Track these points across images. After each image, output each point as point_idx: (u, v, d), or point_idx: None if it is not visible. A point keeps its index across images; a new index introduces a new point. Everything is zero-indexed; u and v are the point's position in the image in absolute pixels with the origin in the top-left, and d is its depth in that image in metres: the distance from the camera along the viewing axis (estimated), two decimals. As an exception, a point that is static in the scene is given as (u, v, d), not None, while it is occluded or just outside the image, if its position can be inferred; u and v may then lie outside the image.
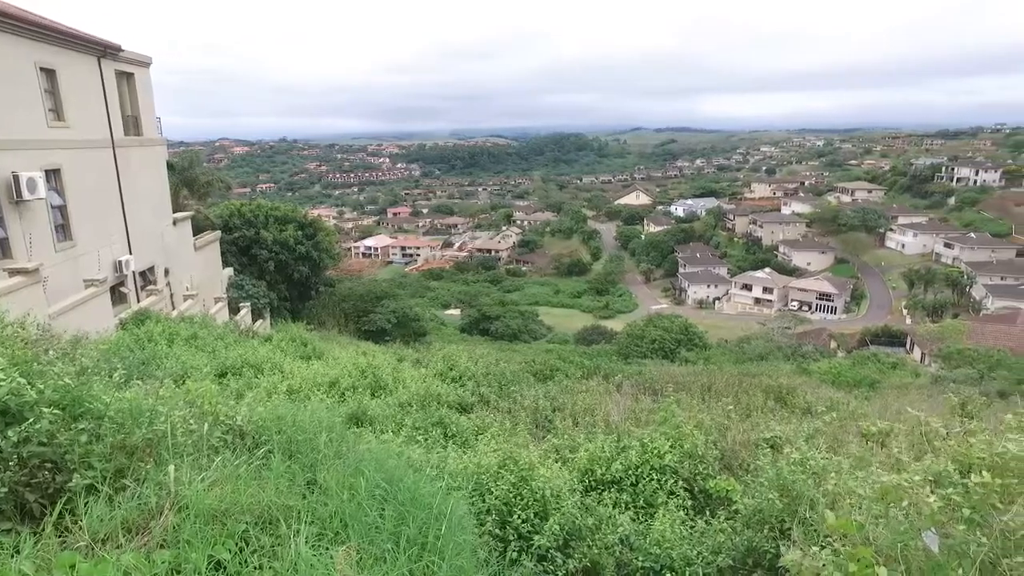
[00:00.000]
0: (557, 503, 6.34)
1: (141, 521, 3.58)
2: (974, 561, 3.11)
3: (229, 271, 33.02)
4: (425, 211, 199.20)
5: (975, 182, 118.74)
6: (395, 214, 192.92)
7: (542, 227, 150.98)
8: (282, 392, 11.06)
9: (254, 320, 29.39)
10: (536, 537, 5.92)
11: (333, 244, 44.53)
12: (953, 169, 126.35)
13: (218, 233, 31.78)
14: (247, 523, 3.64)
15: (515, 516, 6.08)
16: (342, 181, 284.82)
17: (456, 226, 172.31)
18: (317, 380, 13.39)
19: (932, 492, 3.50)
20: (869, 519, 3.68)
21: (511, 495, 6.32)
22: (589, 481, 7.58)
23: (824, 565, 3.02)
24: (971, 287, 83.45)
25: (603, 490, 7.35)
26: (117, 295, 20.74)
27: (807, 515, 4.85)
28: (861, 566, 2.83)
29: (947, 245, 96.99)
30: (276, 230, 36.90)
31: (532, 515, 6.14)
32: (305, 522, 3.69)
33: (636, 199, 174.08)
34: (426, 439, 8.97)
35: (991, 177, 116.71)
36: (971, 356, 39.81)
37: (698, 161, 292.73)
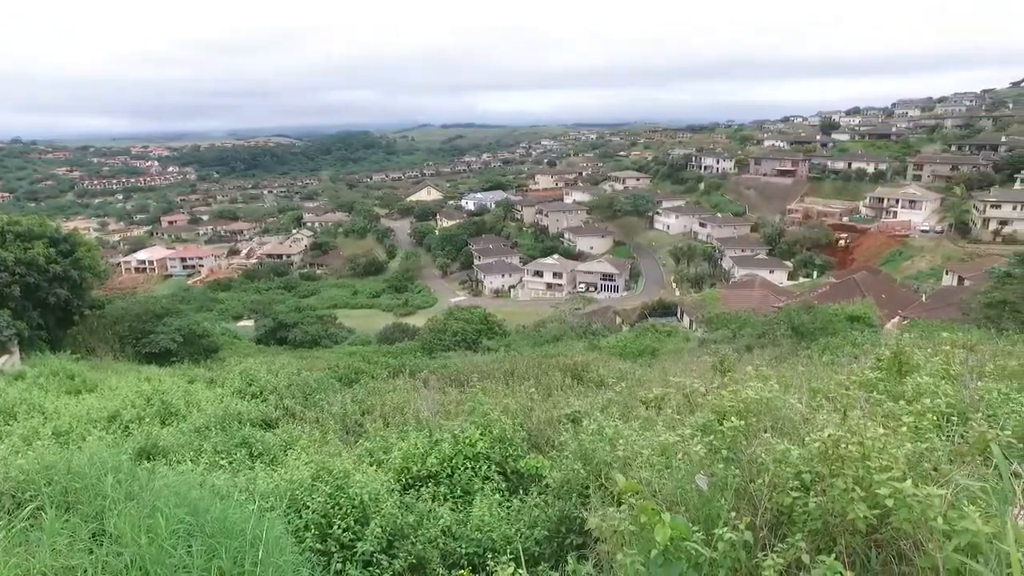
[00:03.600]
0: (376, 506, 6.35)
1: None
2: (732, 490, 3.76)
3: (-44, 301, 27.66)
4: (205, 217, 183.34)
5: (717, 170, 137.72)
6: (171, 222, 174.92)
7: (334, 228, 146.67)
8: (46, 436, 9.61)
9: (-4, 356, 24.93)
10: (359, 544, 5.89)
11: (97, 260, 39.18)
12: (700, 159, 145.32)
13: (-65, 257, 26.42)
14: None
15: (335, 527, 5.99)
16: (102, 188, 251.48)
17: (242, 232, 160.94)
18: (92, 416, 11.82)
19: (699, 441, 4.16)
20: (654, 474, 4.26)
21: (328, 506, 6.22)
22: (406, 479, 7.64)
23: (620, 522, 3.44)
24: (721, 259, 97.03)
25: (421, 486, 7.46)
26: None
27: (605, 479, 5.41)
28: (650, 516, 3.25)
29: (701, 224, 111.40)
30: (19, 248, 31.42)
31: (352, 522, 6.09)
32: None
33: (427, 195, 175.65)
34: (231, 462, 8.40)
35: (728, 165, 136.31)
36: (725, 319, 46.24)
37: (484, 156, 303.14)
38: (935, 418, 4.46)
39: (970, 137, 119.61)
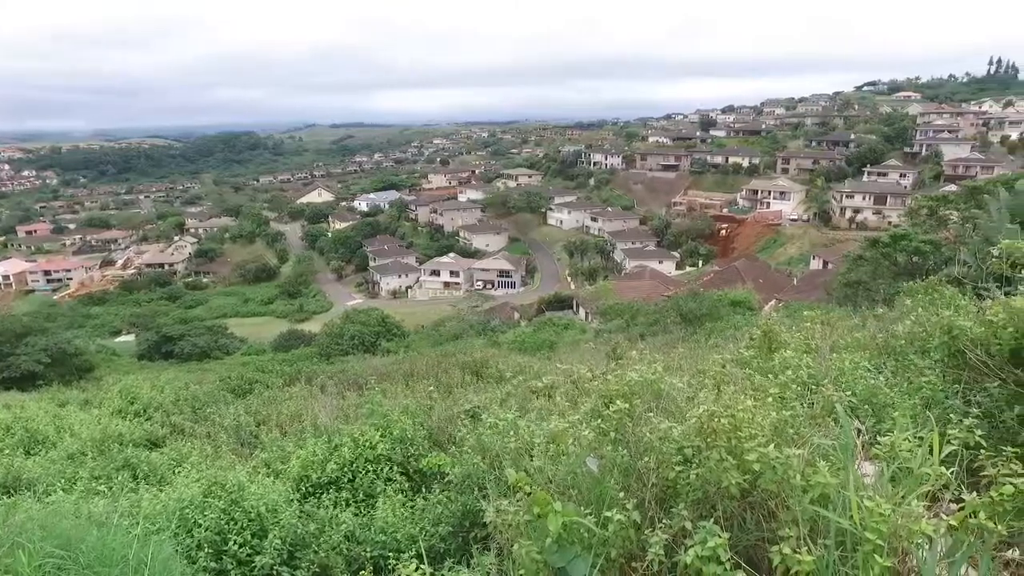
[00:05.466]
0: (275, 518, 6.16)
1: None
2: (621, 469, 3.98)
3: None
4: (72, 226, 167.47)
5: (606, 166, 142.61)
6: (30, 232, 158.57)
7: (221, 234, 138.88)
8: None
9: None
10: (257, 558, 5.70)
11: (-63, 278, 35.30)
12: (590, 155, 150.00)
13: None
14: None
15: (230, 543, 5.76)
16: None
17: (116, 241, 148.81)
18: (-66, 456, 10.60)
19: (588, 426, 4.35)
20: (547, 461, 4.42)
21: (222, 522, 5.96)
22: (306, 487, 7.45)
23: (513, 515, 3.54)
24: (613, 252, 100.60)
25: (321, 493, 7.30)
26: None
27: (499, 472, 5.53)
28: (543, 506, 3.37)
29: (593, 219, 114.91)
30: None
31: (249, 536, 5.88)
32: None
33: (319, 196, 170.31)
34: (111, 488, 7.84)
35: (616, 161, 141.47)
36: (619, 310, 48.09)
37: (376, 155, 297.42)
38: (798, 388, 4.92)
39: (826, 134, 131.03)
